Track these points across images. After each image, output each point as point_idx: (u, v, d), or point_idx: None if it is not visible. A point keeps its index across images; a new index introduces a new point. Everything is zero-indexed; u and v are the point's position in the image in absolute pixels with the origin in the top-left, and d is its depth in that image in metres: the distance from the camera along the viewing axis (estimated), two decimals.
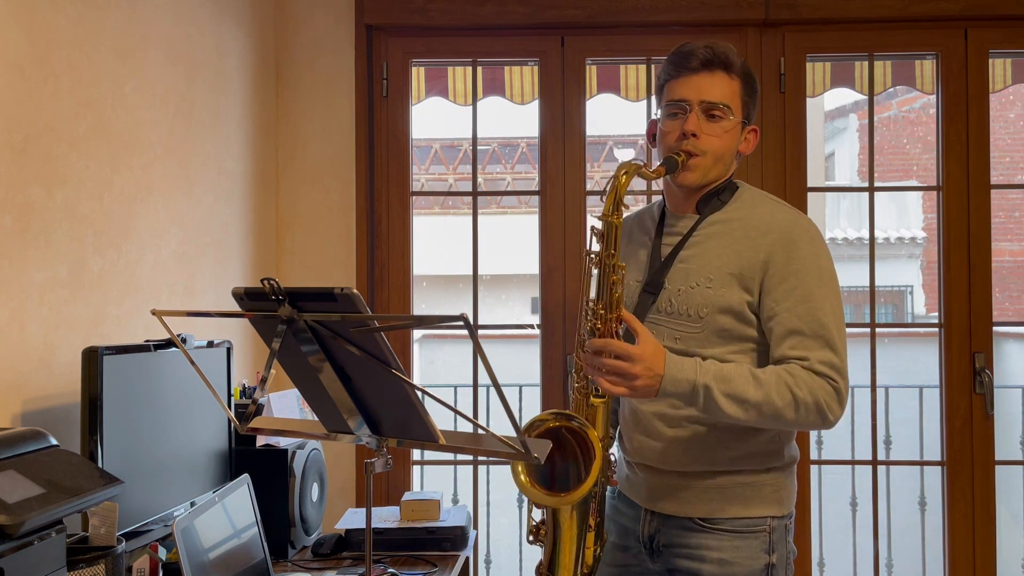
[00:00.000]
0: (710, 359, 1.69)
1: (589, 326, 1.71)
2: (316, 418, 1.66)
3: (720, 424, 1.74)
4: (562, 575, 1.77)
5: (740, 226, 1.77)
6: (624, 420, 1.90)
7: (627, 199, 1.74)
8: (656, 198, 2.14)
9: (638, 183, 1.88)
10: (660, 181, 1.83)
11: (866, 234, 9.85)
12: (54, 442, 1.48)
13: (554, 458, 1.71)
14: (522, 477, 1.70)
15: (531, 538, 1.82)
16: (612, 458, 1.81)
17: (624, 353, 1.61)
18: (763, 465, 1.77)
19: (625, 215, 2.00)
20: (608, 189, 1.71)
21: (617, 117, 8.80)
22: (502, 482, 4.67)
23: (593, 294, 1.72)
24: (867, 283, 3.26)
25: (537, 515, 1.83)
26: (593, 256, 1.73)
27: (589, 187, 3.18)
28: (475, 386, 3.27)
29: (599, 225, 1.71)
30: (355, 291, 1.36)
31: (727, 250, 1.75)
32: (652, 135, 1.88)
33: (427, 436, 1.51)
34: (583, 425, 1.70)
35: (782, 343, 1.68)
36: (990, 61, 3.11)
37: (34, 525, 1.28)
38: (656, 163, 1.79)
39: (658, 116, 1.85)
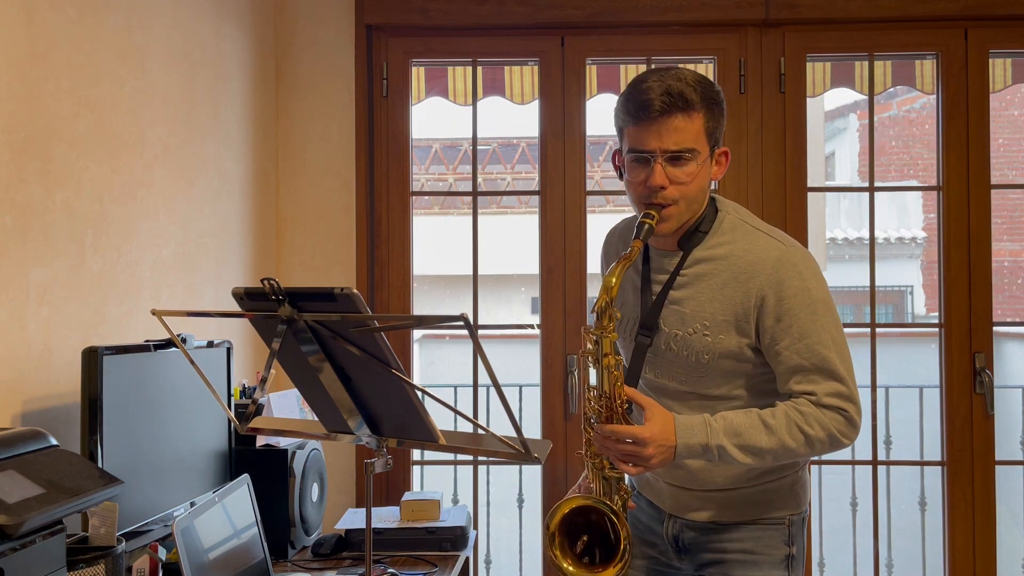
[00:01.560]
0: (719, 414, 1.68)
1: (594, 410, 1.70)
2: (316, 418, 1.66)
3: None
4: None
5: (727, 266, 1.73)
6: None
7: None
8: None
9: (613, 183, 1.86)
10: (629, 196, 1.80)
11: (866, 234, 9.85)
12: (54, 442, 1.48)
13: (583, 532, 1.72)
14: (556, 551, 1.71)
15: None
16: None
17: (635, 438, 1.62)
18: (781, 474, 1.81)
19: (608, 230, 1.98)
20: (595, 317, 1.69)
21: None
22: (502, 482, 4.67)
23: (593, 380, 1.71)
24: (867, 283, 3.26)
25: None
26: (590, 356, 1.71)
27: (589, 187, 3.18)
28: (475, 386, 3.27)
29: (593, 337, 1.69)
30: (355, 291, 1.36)
31: (718, 295, 1.73)
32: (619, 169, 1.82)
33: (427, 436, 1.51)
34: (623, 527, 1.67)
35: (788, 381, 1.69)
36: (990, 61, 3.11)
37: (34, 525, 1.28)
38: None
39: (621, 151, 1.77)
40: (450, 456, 3.47)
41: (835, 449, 1.69)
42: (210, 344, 2.23)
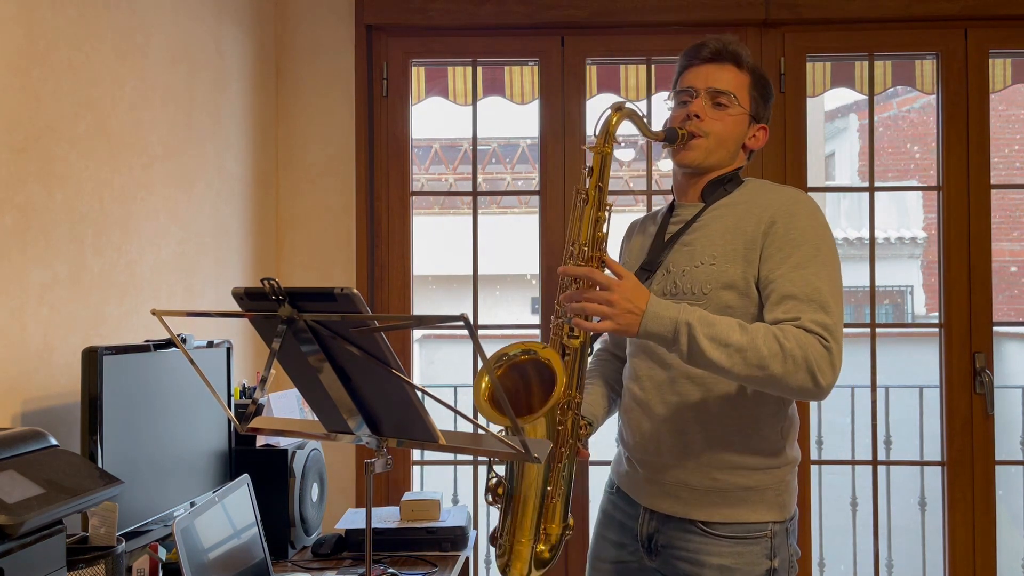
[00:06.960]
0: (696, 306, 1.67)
1: (573, 262, 1.72)
2: (316, 418, 1.66)
3: (714, 410, 1.73)
4: (520, 538, 1.72)
5: (745, 207, 1.79)
6: (623, 410, 1.90)
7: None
8: (657, 197, 2.14)
9: (639, 177, 1.88)
10: (670, 175, 1.86)
11: (866, 234, 9.85)
12: (54, 442, 1.48)
13: (519, 389, 1.70)
14: (482, 399, 1.67)
15: (489, 498, 1.76)
16: (584, 422, 1.78)
17: (605, 284, 1.60)
18: (764, 465, 1.75)
19: (633, 219, 2.04)
20: (600, 124, 1.73)
21: None
22: None
23: (579, 235, 1.73)
24: (867, 283, 3.26)
25: (499, 471, 1.77)
26: (583, 193, 1.73)
27: None
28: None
29: (590, 159, 1.74)
30: (355, 291, 1.36)
31: (731, 227, 1.77)
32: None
33: (427, 436, 1.51)
34: (546, 357, 1.67)
35: (776, 308, 1.66)
36: (990, 61, 3.11)
37: (34, 525, 1.28)
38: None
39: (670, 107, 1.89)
40: (450, 456, 3.47)
41: (808, 381, 1.59)
42: (210, 344, 2.23)
